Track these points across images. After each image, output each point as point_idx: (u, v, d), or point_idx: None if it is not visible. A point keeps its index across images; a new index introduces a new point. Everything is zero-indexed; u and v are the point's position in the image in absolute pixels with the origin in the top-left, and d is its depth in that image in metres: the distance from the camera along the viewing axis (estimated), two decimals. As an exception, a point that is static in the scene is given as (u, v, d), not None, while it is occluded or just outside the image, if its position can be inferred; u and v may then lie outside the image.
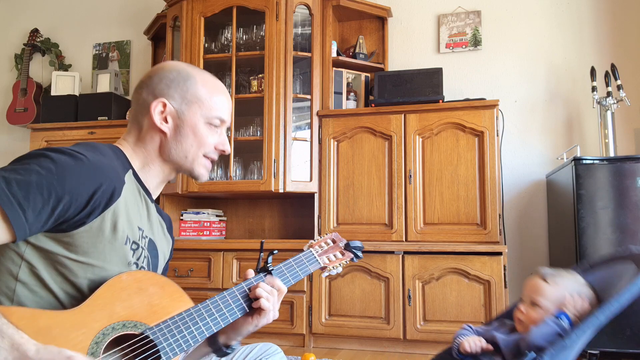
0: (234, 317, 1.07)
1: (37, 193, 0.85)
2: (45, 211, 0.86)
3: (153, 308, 0.99)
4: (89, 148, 0.98)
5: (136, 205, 1.05)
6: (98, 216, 0.94)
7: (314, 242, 1.33)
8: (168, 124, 1.09)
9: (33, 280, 0.91)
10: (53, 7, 4.20)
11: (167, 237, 1.20)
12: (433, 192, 2.88)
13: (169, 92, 1.09)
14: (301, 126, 3.20)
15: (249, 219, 3.53)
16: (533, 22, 3.28)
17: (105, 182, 0.94)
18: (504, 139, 3.16)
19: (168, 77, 1.10)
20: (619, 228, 2.44)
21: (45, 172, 0.87)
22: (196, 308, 1.03)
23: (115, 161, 1.02)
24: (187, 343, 0.98)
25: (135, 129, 1.12)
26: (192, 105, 1.10)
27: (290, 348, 2.86)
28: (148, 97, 1.10)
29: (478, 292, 2.68)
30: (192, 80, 1.11)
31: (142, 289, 0.98)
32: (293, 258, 1.24)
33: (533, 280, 1.35)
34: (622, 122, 3.04)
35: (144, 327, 0.96)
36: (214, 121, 1.12)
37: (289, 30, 3.10)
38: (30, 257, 0.91)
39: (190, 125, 1.10)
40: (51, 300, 0.92)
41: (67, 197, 0.88)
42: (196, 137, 1.11)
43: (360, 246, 1.35)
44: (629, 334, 2.37)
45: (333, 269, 1.29)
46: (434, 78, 3.01)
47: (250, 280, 1.13)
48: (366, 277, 2.84)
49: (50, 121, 3.60)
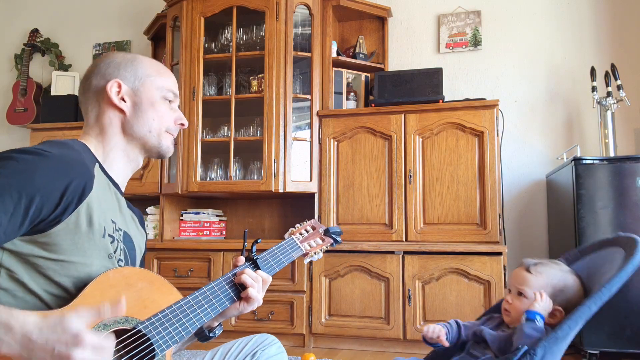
0: (223, 307, 1.11)
1: (6, 196, 0.83)
2: (17, 214, 0.84)
3: (143, 302, 1.00)
4: (55, 144, 0.98)
5: (107, 198, 1.05)
6: (73, 212, 0.92)
7: (294, 229, 1.36)
8: (126, 103, 1.12)
9: (14, 286, 0.89)
10: (53, 7, 4.20)
11: (140, 231, 1.21)
12: (433, 192, 2.88)
13: (120, 72, 1.12)
14: (301, 126, 3.20)
15: (249, 219, 3.53)
16: (533, 22, 3.28)
17: (76, 177, 0.92)
18: (504, 139, 3.16)
19: (115, 61, 1.14)
20: (619, 228, 2.44)
21: (12, 173, 0.85)
22: (186, 300, 1.05)
23: (82, 154, 1.01)
24: (180, 335, 1.00)
25: (91, 119, 1.13)
26: (145, 81, 1.14)
27: (290, 348, 2.86)
28: (100, 82, 1.12)
29: (478, 292, 2.68)
30: (138, 60, 1.16)
31: (130, 284, 0.99)
32: (276, 246, 1.27)
33: (518, 271, 1.38)
34: (622, 122, 3.05)
35: (136, 321, 0.96)
36: (168, 95, 1.16)
37: (289, 30, 3.10)
38: (8, 263, 0.89)
39: (148, 100, 1.13)
40: (36, 303, 0.90)
41: (39, 196, 0.86)
42: (156, 111, 1.14)
43: (339, 231, 1.39)
44: (629, 334, 2.37)
45: (314, 254, 1.33)
46: (434, 78, 3.01)
47: (235, 270, 1.16)
48: (366, 277, 2.84)
49: (50, 121, 3.60)
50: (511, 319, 1.34)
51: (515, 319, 1.32)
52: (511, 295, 1.36)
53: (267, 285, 1.18)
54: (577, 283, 1.33)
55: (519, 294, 1.34)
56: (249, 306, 1.15)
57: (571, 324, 1.16)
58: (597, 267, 1.34)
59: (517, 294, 1.35)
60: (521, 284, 1.34)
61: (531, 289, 1.31)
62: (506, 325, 1.36)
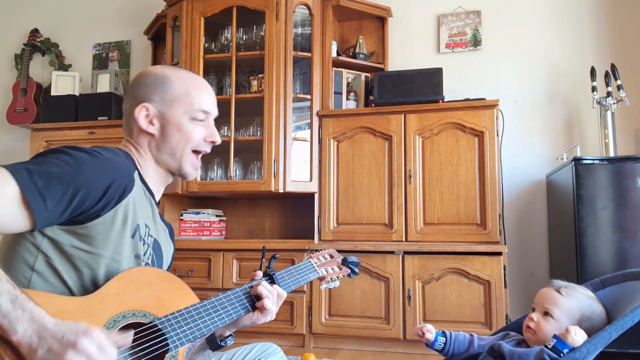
0: (237, 315, 1.14)
1: (57, 184, 0.91)
2: (63, 201, 0.91)
3: (161, 301, 1.04)
4: (106, 149, 1.06)
5: (143, 203, 1.11)
6: (111, 209, 1.00)
7: (312, 254, 1.41)
8: (154, 126, 1.15)
9: (48, 271, 0.96)
10: (53, 7, 4.20)
11: (169, 243, 1.25)
12: (433, 192, 2.88)
13: (149, 96, 1.15)
14: (301, 126, 3.20)
15: (249, 219, 3.53)
16: (533, 22, 3.28)
17: (119, 178, 1.01)
18: (504, 139, 3.16)
19: (146, 83, 1.17)
20: (619, 228, 2.44)
21: (65, 165, 0.93)
22: (202, 304, 1.09)
23: (127, 161, 1.09)
24: (194, 334, 1.04)
25: (128, 135, 1.19)
26: (173, 104, 1.15)
27: (290, 348, 2.86)
28: (132, 105, 1.16)
29: (478, 292, 2.68)
30: (168, 81, 1.17)
31: (151, 283, 1.04)
32: (294, 266, 1.31)
33: (547, 291, 1.36)
34: (622, 122, 3.04)
35: (153, 317, 1.01)
36: (198, 115, 1.17)
37: (289, 30, 3.10)
38: (46, 248, 0.96)
39: (175, 124, 1.15)
40: (64, 290, 0.97)
41: (84, 189, 0.94)
42: (182, 134, 1.16)
43: (357, 262, 1.44)
44: (629, 334, 2.36)
45: (331, 281, 1.38)
46: (434, 78, 3.01)
47: (253, 282, 1.20)
48: (366, 277, 2.84)
49: (51, 121, 3.59)
50: (535, 339, 1.32)
51: (539, 339, 1.30)
52: (537, 314, 1.34)
53: (281, 300, 1.21)
54: (603, 312, 1.32)
55: (545, 314, 1.32)
56: (263, 317, 1.18)
57: (590, 348, 1.16)
58: (620, 298, 1.34)
59: (543, 314, 1.33)
60: (550, 304, 1.32)
61: (560, 311, 1.30)
62: (525, 345, 1.34)
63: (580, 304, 1.31)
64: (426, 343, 1.40)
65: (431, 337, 1.39)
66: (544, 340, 1.27)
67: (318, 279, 1.34)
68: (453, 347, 1.39)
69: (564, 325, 1.28)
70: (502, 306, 2.63)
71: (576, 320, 1.29)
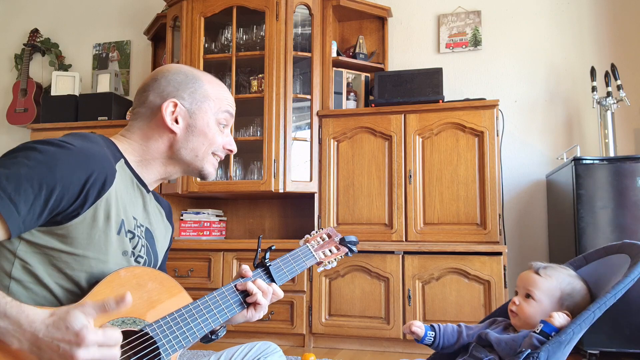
0: (232, 314, 1.10)
1: (27, 186, 0.83)
2: (37, 204, 0.85)
3: (152, 304, 0.99)
4: (78, 137, 0.98)
5: (129, 194, 1.05)
6: (91, 206, 0.92)
7: (309, 236, 1.36)
8: (179, 125, 1.10)
9: (27, 277, 0.90)
10: (53, 7, 4.20)
11: (165, 224, 1.21)
12: (433, 192, 2.89)
13: (179, 93, 1.11)
14: (301, 126, 3.20)
15: (249, 219, 3.53)
16: (533, 22, 3.28)
17: (97, 170, 0.92)
18: (504, 139, 3.16)
19: (176, 79, 1.12)
20: (618, 228, 2.44)
21: (34, 164, 0.86)
22: (195, 304, 1.05)
23: (105, 149, 1.01)
24: (187, 340, 1.00)
25: (138, 128, 1.12)
26: (203, 104, 1.12)
27: (290, 348, 2.86)
28: (156, 99, 1.10)
29: (478, 292, 2.68)
30: (199, 81, 1.13)
31: (140, 284, 0.99)
32: (290, 253, 1.26)
33: (526, 274, 1.38)
34: (622, 122, 3.05)
35: (143, 323, 0.96)
36: (224, 117, 1.15)
37: (289, 30, 3.10)
38: (23, 254, 0.89)
39: (203, 125, 1.12)
40: (47, 296, 0.91)
41: (59, 187, 0.87)
42: (207, 136, 1.13)
43: (355, 241, 1.38)
44: (629, 334, 2.37)
45: (328, 263, 1.33)
46: (434, 78, 3.01)
47: (247, 278, 1.16)
48: (366, 277, 2.84)
49: (51, 121, 3.59)
50: (519, 322, 1.33)
51: (523, 322, 1.31)
52: (519, 297, 1.35)
53: (276, 298, 1.18)
54: (584, 288, 1.33)
55: (526, 296, 1.33)
56: (257, 313, 1.15)
57: (575, 329, 1.16)
58: (602, 273, 1.35)
59: (525, 296, 1.34)
60: (530, 286, 1.33)
61: (540, 292, 1.31)
62: (513, 329, 1.35)
63: (559, 282, 1.32)
64: (416, 339, 1.40)
65: (420, 332, 1.39)
66: (528, 323, 1.30)
67: (316, 264, 1.31)
68: (443, 340, 1.39)
69: (545, 305, 1.30)
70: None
71: (557, 299, 1.30)
